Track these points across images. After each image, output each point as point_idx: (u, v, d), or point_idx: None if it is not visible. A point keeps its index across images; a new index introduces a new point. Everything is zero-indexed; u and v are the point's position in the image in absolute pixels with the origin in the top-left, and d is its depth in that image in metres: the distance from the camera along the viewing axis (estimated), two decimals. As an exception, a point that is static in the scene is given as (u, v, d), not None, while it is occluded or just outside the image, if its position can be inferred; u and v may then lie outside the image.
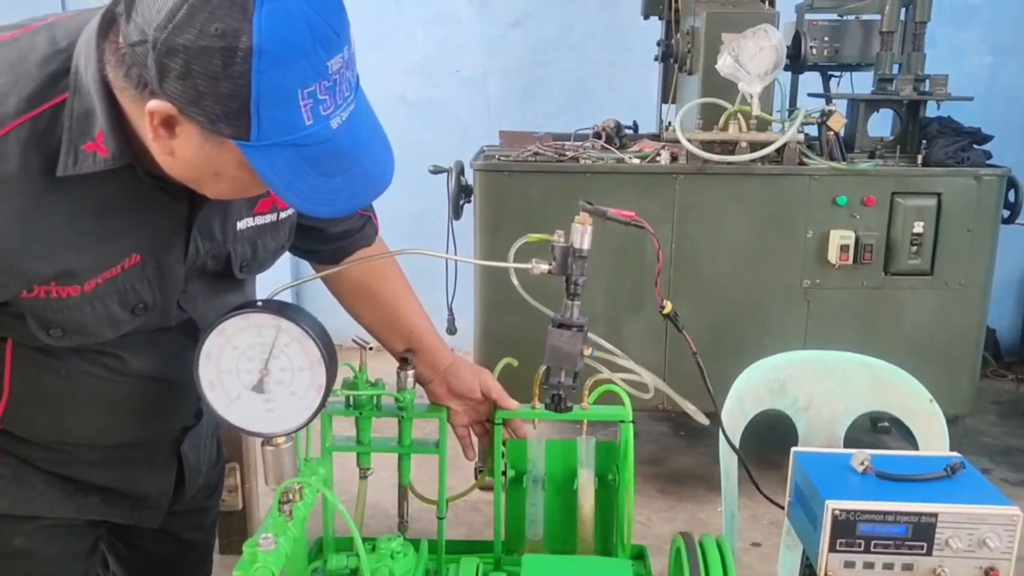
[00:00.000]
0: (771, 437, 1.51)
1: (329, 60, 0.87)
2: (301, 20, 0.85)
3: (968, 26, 4.21)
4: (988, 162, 2.96)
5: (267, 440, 1.17)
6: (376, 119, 0.99)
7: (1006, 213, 2.99)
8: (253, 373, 1.12)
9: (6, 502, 1.20)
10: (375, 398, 1.40)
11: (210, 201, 1.08)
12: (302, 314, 1.13)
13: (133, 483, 1.30)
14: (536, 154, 2.96)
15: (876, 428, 3.52)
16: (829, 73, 3.40)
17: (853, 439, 1.72)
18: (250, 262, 1.22)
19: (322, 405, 1.14)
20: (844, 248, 2.85)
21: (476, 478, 1.58)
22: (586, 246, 1.23)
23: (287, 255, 1.34)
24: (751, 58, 2.69)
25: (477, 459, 1.59)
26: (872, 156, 3.03)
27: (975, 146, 2.94)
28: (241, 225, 1.18)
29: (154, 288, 1.12)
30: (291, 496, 1.19)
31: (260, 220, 1.20)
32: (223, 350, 1.11)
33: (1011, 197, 2.98)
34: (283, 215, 1.24)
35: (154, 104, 0.88)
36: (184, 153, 0.92)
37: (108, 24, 0.94)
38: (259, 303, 1.13)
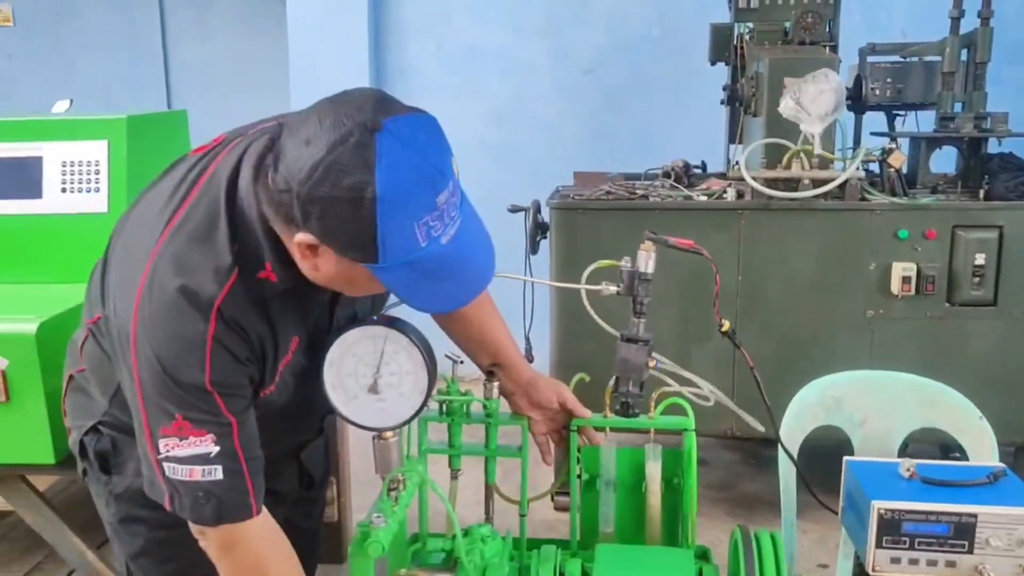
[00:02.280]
0: (832, 463, 1.62)
1: (437, 197, 1.08)
2: (413, 169, 1.06)
3: (1035, 63, 4.24)
4: (1050, 196, 3.01)
5: (378, 434, 1.38)
6: (479, 222, 1.20)
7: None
8: (368, 376, 1.33)
9: None
10: (465, 406, 1.60)
11: None
12: (409, 327, 1.34)
13: (267, 482, 1.53)
14: (608, 193, 3.14)
15: (946, 457, 3.54)
16: (893, 112, 3.49)
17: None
18: (369, 311, 1.44)
19: (424, 404, 1.34)
20: (906, 279, 2.94)
21: (552, 500, 1.71)
22: (650, 270, 1.42)
23: None
24: (812, 100, 2.83)
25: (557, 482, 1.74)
26: (934, 191, 3.11)
27: (1037, 180, 3.01)
28: None
29: (309, 355, 1.34)
30: (396, 484, 1.40)
31: None
32: (344, 357, 1.33)
33: (1075, 230, 3.01)
34: None
35: (301, 237, 1.11)
36: (325, 269, 1.15)
37: (258, 169, 1.17)
38: (375, 318, 1.35)
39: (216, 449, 1.20)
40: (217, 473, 1.21)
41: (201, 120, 2.64)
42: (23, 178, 2.17)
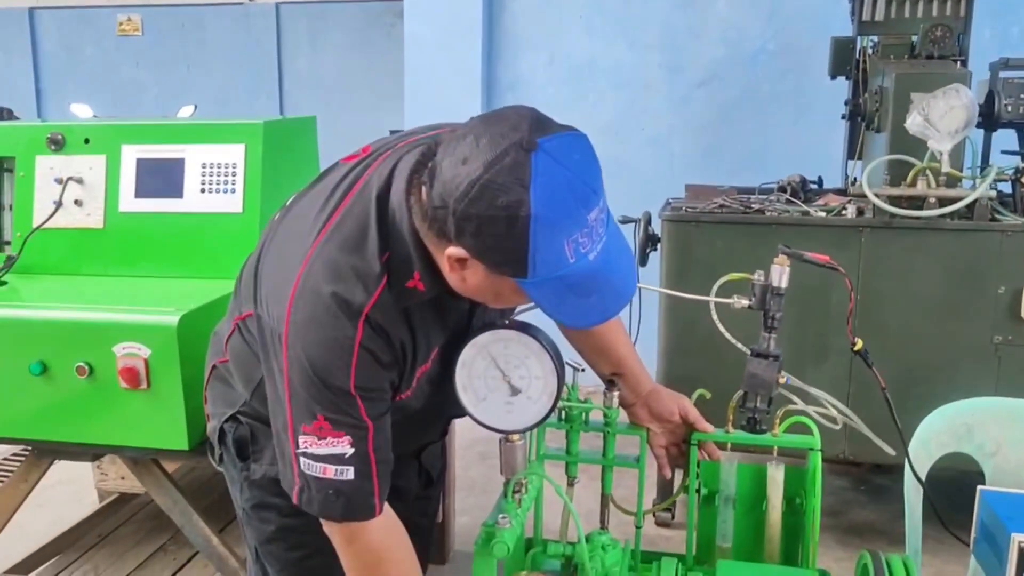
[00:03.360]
0: (958, 493, 1.55)
1: (588, 215, 1.10)
2: (566, 188, 1.08)
3: None
4: None
5: (506, 436, 1.40)
6: (623, 238, 1.21)
7: None
8: (498, 379, 1.35)
9: None
10: (584, 413, 1.61)
11: None
12: (540, 332, 1.35)
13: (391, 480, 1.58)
14: (722, 206, 3.10)
15: None
16: (1026, 130, 3.35)
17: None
18: (498, 318, 1.46)
19: (553, 408, 1.35)
20: (1038, 305, 2.81)
21: (655, 516, 1.69)
22: (784, 284, 1.40)
23: None
24: (941, 117, 2.73)
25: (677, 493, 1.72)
26: (1070, 213, 2.97)
27: None
28: None
29: (446, 364, 1.38)
30: (520, 487, 1.41)
31: None
32: (475, 360, 1.35)
33: None
34: None
35: (452, 250, 1.14)
36: (473, 281, 1.18)
37: (410, 183, 1.21)
38: (506, 321, 1.37)
39: (351, 451, 1.25)
40: (349, 474, 1.26)
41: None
42: (166, 178, 2.29)
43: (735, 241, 2.97)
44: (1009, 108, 3.17)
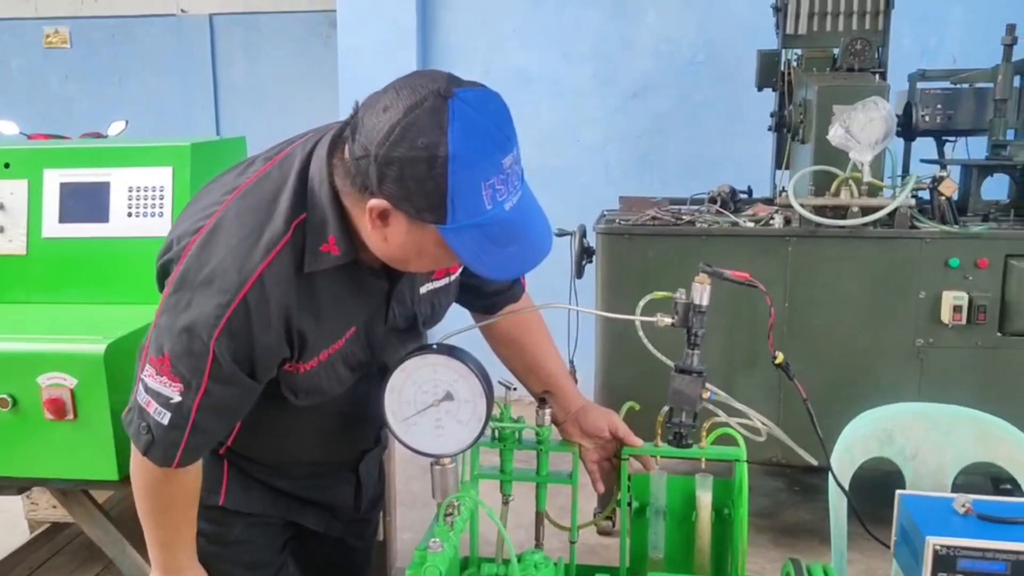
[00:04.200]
0: (883, 495, 1.61)
1: (503, 159, 1.14)
2: (483, 132, 1.13)
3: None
4: (1106, 225, 2.98)
5: (436, 460, 1.40)
6: (537, 202, 1.25)
7: None
8: (427, 403, 1.36)
9: (233, 500, 1.53)
10: (517, 432, 1.63)
11: (403, 277, 1.37)
12: (468, 356, 1.37)
13: (325, 494, 1.59)
14: (654, 218, 3.16)
15: (998, 490, 3.49)
16: (944, 139, 3.47)
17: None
18: (429, 318, 1.49)
19: (482, 431, 1.37)
20: (957, 308, 2.91)
21: (596, 523, 1.72)
22: (705, 302, 1.43)
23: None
24: (861, 128, 2.83)
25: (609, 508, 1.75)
26: (986, 219, 3.09)
27: (1093, 209, 2.97)
28: (423, 290, 1.46)
29: (365, 349, 1.40)
30: (452, 510, 1.42)
31: (437, 284, 1.48)
32: (404, 384, 1.36)
33: None
34: (452, 278, 1.51)
35: (373, 202, 1.16)
36: (395, 238, 1.20)
37: (334, 146, 1.24)
38: (434, 346, 1.38)
39: (177, 399, 1.27)
40: (164, 418, 1.29)
41: (249, 140, 2.72)
42: (91, 203, 2.24)
43: (667, 253, 3.04)
44: (927, 118, 3.30)
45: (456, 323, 1.53)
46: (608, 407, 1.71)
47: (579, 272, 3.25)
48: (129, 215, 2.24)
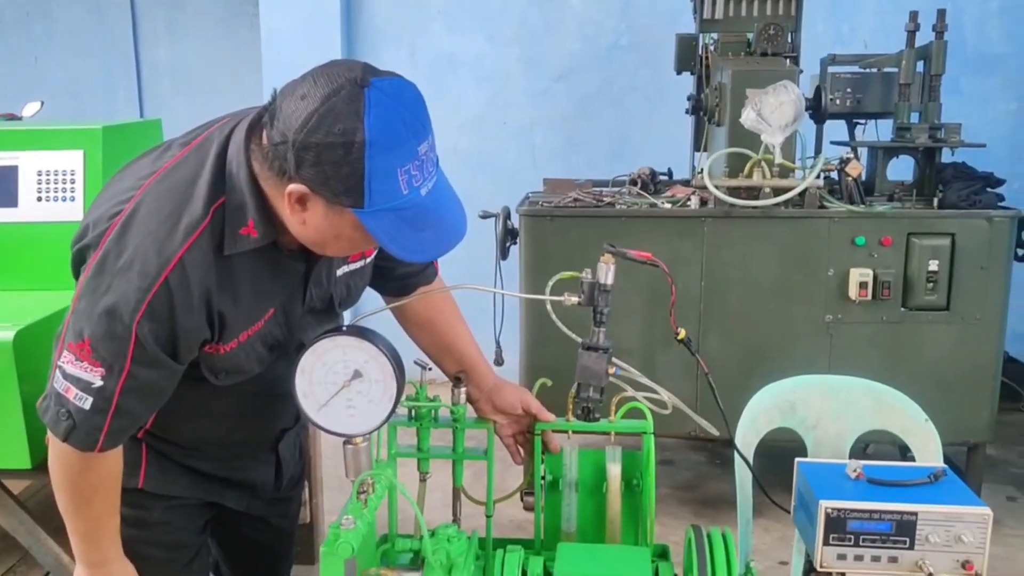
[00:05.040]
0: (789, 464, 1.69)
1: (418, 146, 1.18)
2: (398, 117, 1.16)
3: (993, 74, 4.38)
4: (1001, 204, 3.13)
5: (348, 440, 1.43)
6: (452, 188, 1.29)
7: (1021, 252, 3.15)
8: (338, 384, 1.38)
9: (152, 483, 1.53)
10: (433, 411, 1.66)
11: (320, 260, 1.40)
12: (378, 337, 1.39)
13: (244, 474, 1.61)
14: (576, 200, 3.21)
15: (905, 457, 3.65)
16: (854, 121, 3.60)
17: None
18: (345, 299, 1.52)
19: (393, 410, 1.39)
20: (863, 285, 3.04)
21: (522, 500, 1.78)
22: (610, 281, 1.48)
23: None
24: (772, 112, 2.92)
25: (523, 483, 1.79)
26: (891, 199, 3.22)
27: (988, 189, 3.12)
28: (339, 272, 1.48)
29: (284, 329, 1.43)
30: (366, 488, 1.45)
31: (352, 267, 1.51)
32: (315, 366, 1.38)
33: (1025, 237, 3.13)
34: (367, 261, 1.54)
35: (292, 187, 1.19)
36: (313, 222, 1.22)
37: (252, 131, 1.26)
38: (344, 328, 1.41)
39: (99, 383, 1.28)
40: (86, 403, 1.29)
41: (173, 122, 2.68)
42: (-1, 187, 2.20)
43: (588, 234, 3.09)
44: (836, 101, 3.42)
45: (372, 306, 1.56)
46: (532, 385, 1.75)
47: (504, 254, 3.29)
48: (39, 199, 2.20)
